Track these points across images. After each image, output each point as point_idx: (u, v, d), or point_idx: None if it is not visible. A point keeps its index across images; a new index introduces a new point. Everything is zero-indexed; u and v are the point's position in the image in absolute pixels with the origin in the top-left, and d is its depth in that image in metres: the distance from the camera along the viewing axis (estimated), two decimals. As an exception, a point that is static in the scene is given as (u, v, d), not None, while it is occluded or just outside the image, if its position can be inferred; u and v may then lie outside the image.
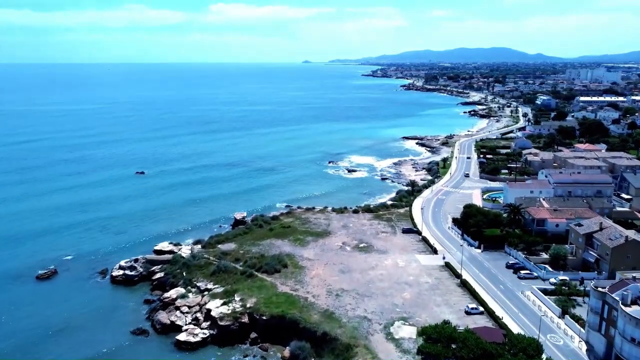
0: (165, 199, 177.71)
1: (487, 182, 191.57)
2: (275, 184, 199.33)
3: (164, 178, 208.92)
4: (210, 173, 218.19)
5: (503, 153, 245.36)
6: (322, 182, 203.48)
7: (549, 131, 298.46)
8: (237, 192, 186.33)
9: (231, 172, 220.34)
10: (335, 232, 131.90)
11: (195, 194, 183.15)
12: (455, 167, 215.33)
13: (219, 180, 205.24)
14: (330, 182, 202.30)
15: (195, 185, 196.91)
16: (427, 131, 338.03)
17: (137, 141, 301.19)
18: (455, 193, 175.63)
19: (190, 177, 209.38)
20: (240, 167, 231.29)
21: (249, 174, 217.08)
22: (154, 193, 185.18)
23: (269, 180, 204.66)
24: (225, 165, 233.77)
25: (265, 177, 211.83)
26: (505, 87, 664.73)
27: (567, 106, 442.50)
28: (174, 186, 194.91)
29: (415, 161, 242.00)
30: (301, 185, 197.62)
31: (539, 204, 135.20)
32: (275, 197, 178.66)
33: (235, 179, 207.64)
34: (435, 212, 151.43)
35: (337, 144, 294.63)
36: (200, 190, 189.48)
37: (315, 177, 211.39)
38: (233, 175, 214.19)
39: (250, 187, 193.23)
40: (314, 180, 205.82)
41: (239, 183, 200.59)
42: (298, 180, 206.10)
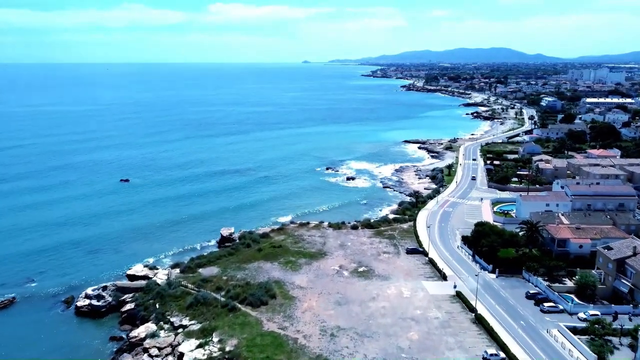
0: (148, 211, 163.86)
1: (495, 192, 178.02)
2: (269, 194, 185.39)
3: (149, 187, 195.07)
4: (200, 181, 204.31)
5: (511, 159, 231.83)
6: (320, 191, 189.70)
7: (557, 135, 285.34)
8: (227, 203, 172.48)
9: (222, 180, 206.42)
10: (332, 252, 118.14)
11: (181, 205, 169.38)
12: (461, 175, 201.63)
13: (208, 189, 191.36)
14: (328, 192, 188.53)
15: (181, 195, 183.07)
16: (430, 134, 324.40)
17: (127, 146, 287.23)
18: (462, 204, 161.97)
19: (177, 186, 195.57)
20: (233, 174, 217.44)
21: (242, 182, 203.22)
22: (136, 204, 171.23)
23: (262, 190, 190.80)
24: (217, 173, 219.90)
25: (259, 186, 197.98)
26: (508, 88, 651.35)
27: (573, 108, 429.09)
28: (158, 196, 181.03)
29: (418, 167, 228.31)
30: (297, 195, 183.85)
31: (559, 221, 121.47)
32: (268, 210, 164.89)
33: (226, 188, 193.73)
34: (442, 228, 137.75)
35: (336, 149, 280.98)
36: (187, 201, 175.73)
37: (312, 186, 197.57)
38: (224, 184, 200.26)
39: (242, 198, 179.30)
40: (311, 190, 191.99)
41: (229, 193, 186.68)
42: (294, 189, 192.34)
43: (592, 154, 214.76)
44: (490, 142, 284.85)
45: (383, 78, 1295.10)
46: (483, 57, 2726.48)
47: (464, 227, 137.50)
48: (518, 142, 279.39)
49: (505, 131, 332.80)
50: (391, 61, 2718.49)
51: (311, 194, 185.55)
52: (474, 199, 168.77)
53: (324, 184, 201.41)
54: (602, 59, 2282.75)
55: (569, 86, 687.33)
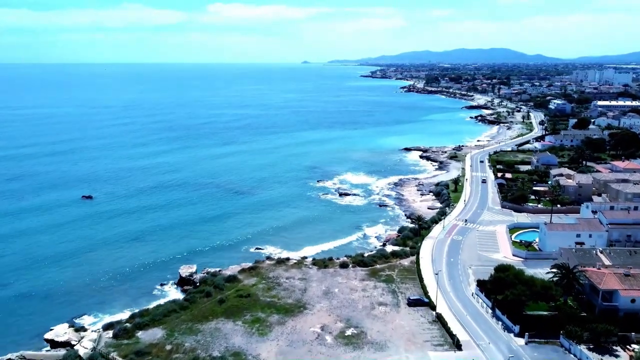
0: (103, 237, 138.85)
1: (511, 213, 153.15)
2: (249, 214, 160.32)
3: (112, 206, 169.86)
4: (171, 198, 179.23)
5: (523, 171, 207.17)
6: (307, 211, 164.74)
7: (572, 142, 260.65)
8: (196, 227, 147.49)
9: (196, 196, 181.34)
10: (313, 304, 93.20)
11: (143, 231, 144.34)
12: (469, 192, 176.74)
13: (179, 209, 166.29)
14: (316, 212, 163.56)
15: (146, 216, 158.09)
16: (432, 140, 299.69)
17: (101, 154, 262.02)
18: (473, 230, 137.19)
19: (144, 205, 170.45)
20: (210, 189, 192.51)
21: (218, 199, 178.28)
22: (91, 229, 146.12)
23: (241, 210, 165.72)
24: (192, 186, 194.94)
25: (239, 204, 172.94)
26: (512, 90, 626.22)
27: (583, 111, 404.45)
28: (120, 218, 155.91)
29: (419, 181, 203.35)
30: (282, 216, 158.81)
31: (600, 263, 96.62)
32: (244, 236, 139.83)
33: (200, 206, 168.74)
34: (451, 265, 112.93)
35: (329, 157, 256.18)
36: (151, 224, 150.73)
37: (299, 205, 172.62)
38: (198, 200, 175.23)
39: (216, 220, 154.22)
40: (297, 209, 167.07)
41: (202, 213, 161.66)
42: (279, 208, 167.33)
43: (617, 167, 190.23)
44: (499, 150, 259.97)
45: (382, 79, 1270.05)
46: (483, 57, 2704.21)
47: (478, 264, 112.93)
48: (529, 151, 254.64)
49: (514, 137, 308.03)
50: (391, 62, 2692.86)
51: (298, 214, 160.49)
52: (486, 223, 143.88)
53: (313, 202, 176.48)
54: (602, 59, 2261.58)
55: (574, 87, 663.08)
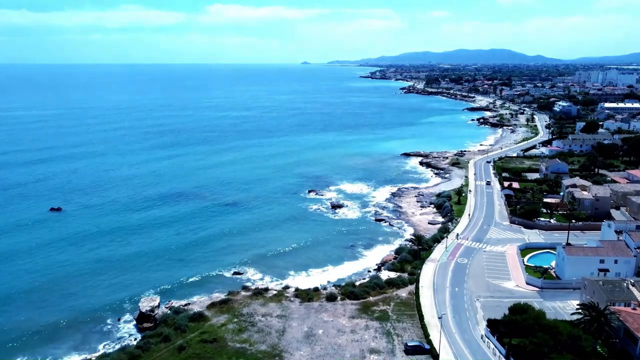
0: (64, 259, 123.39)
1: (521, 230, 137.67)
2: (229, 231, 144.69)
3: (82, 219, 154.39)
4: (147, 210, 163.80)
5: (532, 179, 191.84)
6: (296, 226, 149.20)
7: (581, 147, 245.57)
8: (171, 247, 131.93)
9: (176, 210, 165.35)
10: (291, 352, 77.65)
11: (108, 251, 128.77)
12: (473, 204, 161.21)
13: (154, 223, 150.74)
14: (305, 228, 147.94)
15: (116, 232, 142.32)
16: (432, 145, 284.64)
17: (79, 159, 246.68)
18: (479, 251, 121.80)
19: (116, 219, 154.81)
20: (192, 201, 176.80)
21: (199, 214, 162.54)
22: (53, 248, 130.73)
23: (221, 224, 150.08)
24: (173, 197, 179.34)
25: (219, 218, 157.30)
26: (514, 91, 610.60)
27: (589, 114, 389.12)
28: (87, 235, 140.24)
29: (420, 191, 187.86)
30: (266, 233, 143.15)
31: (635, 302, 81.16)
32: (220, 258, 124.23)
33: (178, 222, 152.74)
34: (455, 297, 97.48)
35: (322, 164, 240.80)
36: (120, 242, 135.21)
37: (288, 218, 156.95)
38: (176, 216, 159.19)
39: (192, 239, 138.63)
40: (286, 224, 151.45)
41: (179, 230, 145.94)
42: (264, 223, 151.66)
43: (634, 176, 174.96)
44: (504, 155, 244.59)
45: (382, 79, 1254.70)
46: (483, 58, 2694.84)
47: (487, 296, 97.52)
48: (536, 156, 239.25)
49: (518, 141, 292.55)
50: (391, 62, 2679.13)
51: (285, 231, 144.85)
52: (494, 242, 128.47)
53: (303, 215, 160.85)
54: (602, 60, 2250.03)
55: (578, 89, 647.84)
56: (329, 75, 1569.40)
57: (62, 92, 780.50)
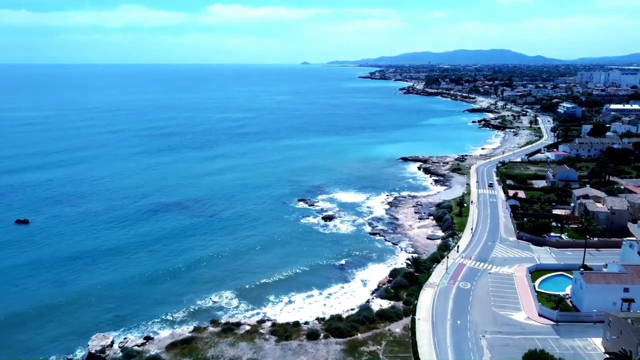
0: (20, 283, 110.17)
1: (529, 247, 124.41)
2: (207, 248, 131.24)
3: (48, 234, 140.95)
4: (119, 224, 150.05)
5: (538, 188, 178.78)
6: (281, 242, 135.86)
7: (589, 152, 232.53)
8: (140, 266, 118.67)
9: (154, 222, 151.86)
10: (260, 410, 64.66)
11: (72, 272, 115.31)
12: (476, 216, 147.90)
13: (127, 239, 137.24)
14: (292, 243, 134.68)
15: (83, 251, 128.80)
16: (432, 149, 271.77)
17: (56, 164, 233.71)
18: (484, 274, 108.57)
19: (85, 234, 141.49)
20: (171, 210, 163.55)
21: (178, 226, 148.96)
22: (10, 269, 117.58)
23: (199, 240, 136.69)
24: (152, 209, 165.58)
25: (199, 232, 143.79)
26: (516, 92, 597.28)
27: (594, 115, 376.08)
28: (51, 253, 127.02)
29: (418, 200, 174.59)
30: (247, 250, 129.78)
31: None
32: (194, 282, 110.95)
33: (152, 236, 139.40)
34: (457, 331, 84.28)
35: (316, 169, 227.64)
36: (86, 260, 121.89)
37: (273, 233, 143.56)
38: (152, 229, 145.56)
39: (166, 256, 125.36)
40: (270, 239, 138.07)
41: (152, 245, 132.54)
42: (244, 240, 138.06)
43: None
44: (507, 160, 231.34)
45: (381, 80, 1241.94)
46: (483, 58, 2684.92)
47: (494, 331, 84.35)
48: (542, 162, 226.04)
49: (522, 145, 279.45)
50: (391, 62, 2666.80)
51: (268, 248, 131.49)
52: (500, 261, 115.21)
53: (290, 229, 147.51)
54: (602, 60, 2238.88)
55: (580, 89, 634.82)
56: (329, 76, 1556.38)
57: (57, 92, 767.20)
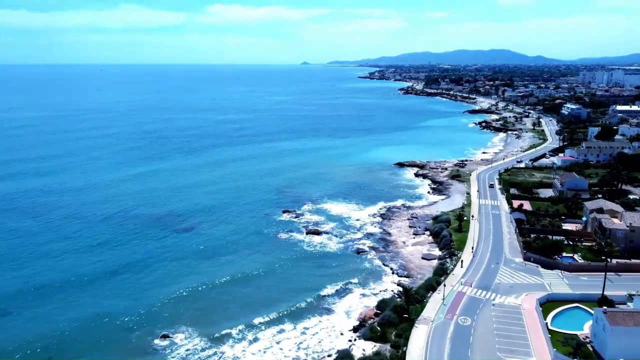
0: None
1: (538, 270, 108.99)
2: (172, 269, 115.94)
3: None
4: (83, 235, 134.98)
5: (545, 198, 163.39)
6: (256, 262, 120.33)
7: (598, 157, 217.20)
8: (89, 293, 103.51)
9: (114, 240, 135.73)
10: None
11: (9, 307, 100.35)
12: (477, 232, 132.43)
13: (84, 259, 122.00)
14: (268, 264, 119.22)
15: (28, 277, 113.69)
16: (430, 152, 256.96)
17: (27, 171, 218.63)
18: (487, 305, 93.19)
19: (37, 246, 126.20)
20: (144, 223, 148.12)
21: (140, 245, 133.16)
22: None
23: (166, 261, 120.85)
24: (119, 224, 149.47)
25: (167, 250, 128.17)
26: (517, 92, 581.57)
27: (600, 117, 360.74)
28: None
29: (413, 212, 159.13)
30: (216, 272, 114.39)
31: None
32: (152, 308, 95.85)
33: (111, 257, 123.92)
34: (455, 388, 68.97)
35: (305, 175, 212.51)
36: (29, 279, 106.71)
37: (249, 250, 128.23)
38: (111, 247, 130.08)
39: (123, 280, 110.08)
40: (244, 258, 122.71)
41: (115, 264, 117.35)
42: (218, 257, 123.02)
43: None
44: (510, 166, 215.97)
45: (381, 80, 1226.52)
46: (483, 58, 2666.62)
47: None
48: (547, 168, 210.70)
49: (526, 149, 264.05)
50: (391, 63, 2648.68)
51: (240, 269, 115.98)
52: (505, 289, 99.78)
53: (270, 245, 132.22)
54: (603, 60, 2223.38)
55: (584, 90, 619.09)
56: (328, 76, 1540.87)
57: (50, 93, 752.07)
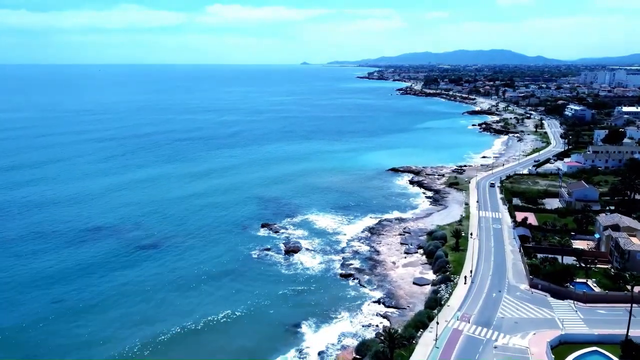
0: None
1: (547, 301, 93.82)
2: (123, 295, 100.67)
3: None
4: (33, 248, 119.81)
5: (551, 210, 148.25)
6: (223, 288, 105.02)
7: (606, 163, 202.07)
8: (27, 330, 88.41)
9: (76, 252, 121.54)
10: None
11: None
12: (476, 253, 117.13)
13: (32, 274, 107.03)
14: (236, 290, 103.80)
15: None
16: (427, 156, 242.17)
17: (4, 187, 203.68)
18: (488, 348, 78.08)
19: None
20: (104, 239, 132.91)
21: (102, 261, 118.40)
22: None
23: (118, 287, 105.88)
24: (74, 238, 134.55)
25: (123, 272, 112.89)
26: (518, 93, 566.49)
27: (605, 119, 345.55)
28: None
29: (406, 225, 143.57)
30: (175, 299, 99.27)
31: None
32: (88, 346, 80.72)
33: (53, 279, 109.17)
34: None
35: (292, 182, 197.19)
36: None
37: (216, 272, 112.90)
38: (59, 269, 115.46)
39: (65, 313, 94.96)
40: (210, 283, 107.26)
41: (56, 293, 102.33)
42: (180, 280, 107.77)
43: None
44: (512, 172, 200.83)
45: (380, 80, 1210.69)
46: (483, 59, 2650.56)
47: None
48: (552, 174, 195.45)
49: (528, 153, 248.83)
50: (390, 63, 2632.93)
51: (203, 296, 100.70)
52: (509, 325, 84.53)
53: (242, 265, 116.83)
54: (603, 61, 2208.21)
55: (586, 90, 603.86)
56: (327, 76, 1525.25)
57: (42, 94, 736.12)
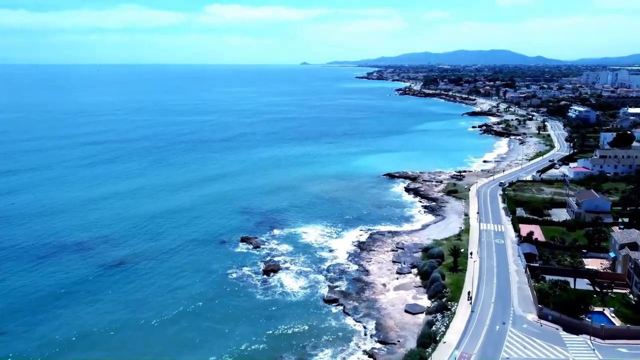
0: None
1: (558, 333, 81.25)
2: (76, 326, 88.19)
3: None
4: None
5: (558, 222, 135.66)
6: (189, 317, 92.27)
7: (616, 169, 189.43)
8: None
9: (28, 276, 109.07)
10: None
11: None
12: (477, 273, 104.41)
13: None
14: (203, 320, 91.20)
15: None
16: (425, 160, 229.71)
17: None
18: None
19: None
20: (65, 257, 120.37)
21: (60, 282, 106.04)
22: None
23: (73, 312, 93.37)
24: (42, 247, 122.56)
25: (82, 295, 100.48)
26: (519, 93, 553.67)
27: (610, 120, 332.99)
28: None
29: (400, 240, 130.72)
30: (130, 333, 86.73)
31: None
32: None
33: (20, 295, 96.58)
34: None
35: (280, 190, 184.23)
36: None
37: (181, 296, 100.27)
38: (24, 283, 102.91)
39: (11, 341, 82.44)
40: (170, 310, 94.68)
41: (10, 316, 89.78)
42: (140, 310, 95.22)
43: None
44: (515, 179, 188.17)
45: (379, 80, 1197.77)
46: (483, 59, 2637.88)
47: None
48: (558, 181, 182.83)
49: (531, 157, 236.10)
50: (390, 63, 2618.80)
51: (161, 326, 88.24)
52: (516, 369, 72.06)
53: (214, 289, 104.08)
54: (603, 61, 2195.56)
55: (588, 91, 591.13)
56: (326, 76, 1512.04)
57: (34, 93, 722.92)
